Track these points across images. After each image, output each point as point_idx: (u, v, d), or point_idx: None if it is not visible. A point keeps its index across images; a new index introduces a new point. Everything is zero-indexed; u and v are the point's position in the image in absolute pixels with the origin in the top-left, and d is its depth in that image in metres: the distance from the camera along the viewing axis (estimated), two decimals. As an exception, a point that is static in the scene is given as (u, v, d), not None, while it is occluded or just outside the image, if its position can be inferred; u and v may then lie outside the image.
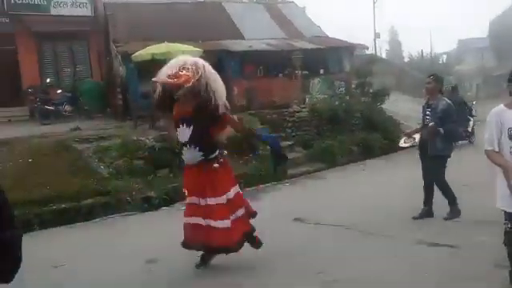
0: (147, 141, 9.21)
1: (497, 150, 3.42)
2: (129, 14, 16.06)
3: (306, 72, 14.96)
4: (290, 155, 11.59)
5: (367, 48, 34.05)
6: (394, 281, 4.11)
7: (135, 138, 9.24)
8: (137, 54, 11.78)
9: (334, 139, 12.15)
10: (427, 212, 5.95)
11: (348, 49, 16.81)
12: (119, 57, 14.10)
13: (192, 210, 4.43)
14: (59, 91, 14.60)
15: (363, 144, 12.42)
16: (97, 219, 7.32)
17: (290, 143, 12.02)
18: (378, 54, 36.84)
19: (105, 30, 16.32)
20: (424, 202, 5.99)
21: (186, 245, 4.52)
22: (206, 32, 15.34)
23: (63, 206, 7.30)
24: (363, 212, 6.51)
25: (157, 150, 9.10)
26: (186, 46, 11.64)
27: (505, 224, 3.45)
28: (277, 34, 17.03)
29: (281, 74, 15.12)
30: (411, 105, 17.49)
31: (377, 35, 31.25)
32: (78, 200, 7.52)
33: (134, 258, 5.11)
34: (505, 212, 3.43)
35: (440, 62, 32.59)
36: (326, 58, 16.09)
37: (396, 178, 8.86)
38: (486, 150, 3.48)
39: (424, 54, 32.96)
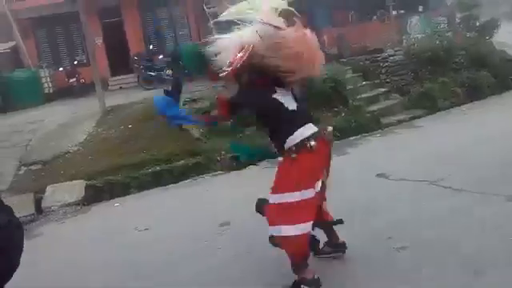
0: (234, 100, 9.35)
1: None
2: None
3: (402, 11, 13.84)
4: (385, 103, 11.04)
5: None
6: (470, 246, 3.75)
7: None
8: (224, 13, 11.83)
9: (435, 82, 11.24)
10: None
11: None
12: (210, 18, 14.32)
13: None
14: (160, 57, 15.40)
15: (469, 84, 11.31)
16: (187, 180, 7.75)
17: (384, 90, 11.44)
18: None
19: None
20: None
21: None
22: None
23: (158, 168, 7.85)
24: (454, 165, 6.03)
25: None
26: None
27: None
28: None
29: (374, 17, 14.18)
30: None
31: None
32: (170, 162, 8.03)
33: (210, 220, 5.34)
34: None
35: None
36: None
37: (503, 124, 8.00)
38: None
39: None
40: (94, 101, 11.09)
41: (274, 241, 3.56)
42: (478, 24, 13.45)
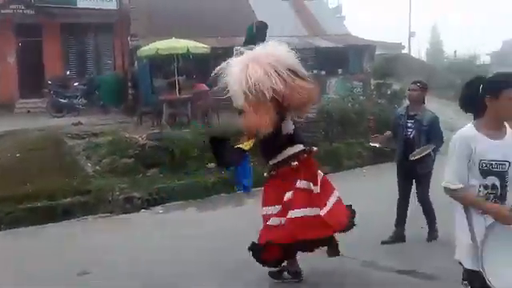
0: (140, 139, 8.99)
1: (462, 186, 2.55)
2: (151, 8, 16.00)
3: (323, 72, 14.37)
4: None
5: (403, 47, 32.99)
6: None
7: (127, 136, 9.03)
8: (143, 48, 11.66)
9: (343, 142, 11.57)
10: (399, 236, 5.32)
11: (369, 48, 16.04)
12: (133, 51, 14.06)
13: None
14: (75, 84, 14.69)
15: (374, 148, 11.72)
16: (71, 219, 7.13)
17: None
18: (416, 53, 35.49)
19: (128, 24, 16.35)
20: (397, 224, 5.35)
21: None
22: (225, 28, 15.04)
23: (38, 204, 7.17)
24: None
25: (147, 149, 8.87)
26: (192, 42, 11.41)
27: (464, 284, 2.80)
28: (298, 31, 16.50)
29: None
30: (437, 106, 16.50)
31: (412, 34, 30.15)
32: (54, 199, 7.38)
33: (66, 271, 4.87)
34: (464, 269, 2.59)
35: (479, 63, 30.08)
36: (347, 57, 15.45)
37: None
38: (449, 189, 2.56)
39: (463, 55, 30.92)
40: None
41: None
42: (389, 92, 14.13)
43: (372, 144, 5.78)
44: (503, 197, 2.54)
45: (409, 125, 5.20)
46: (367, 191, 7.98)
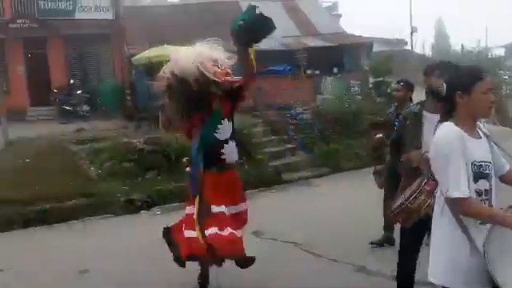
0: (138, 143, 9.53)
1: (470, 195, 2.15)
2: (146, 16, 16.56)
3: (317, 72, 14.73)
4: (291, 159, 11.45)
5: (406, 43, 32.99)
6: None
7: (126, 140, 9.58)
8: (136, 57, 12.20)
9: (341, 143, 11.64)
10: (388, 238, 5.36)
11: (365, 45, 16.27)
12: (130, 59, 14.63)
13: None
14: (79, 92, 15.39)
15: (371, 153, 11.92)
16: (76, 221, 7.69)
17: (291, 146, 11.92)
18: (420, 48, 35.37)
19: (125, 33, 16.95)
20: (385, 228, 5.40)
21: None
22: (218, 33, 15.48)
23: (47, 206, 7.76)
24: (325, 228, 6.18)
25: (145, 153, 9.41)
26: (184, 48, 11.85)
27: None
28: (292, 31, 16.86)
29: (289, 74, 14.96)
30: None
31: (414, 29, 30.21)
32: (61, 201, 7.96)
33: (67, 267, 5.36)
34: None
35: (489, 56, 28.80)
36: (342, 56, 15.71)
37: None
38: (455, 199, 2.13)
39: (471, 48, 29.97)
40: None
41: None
42: (388, 91, 13.65)
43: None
44: (490, 203, 2.25)
45: (396, 124, 4.80)
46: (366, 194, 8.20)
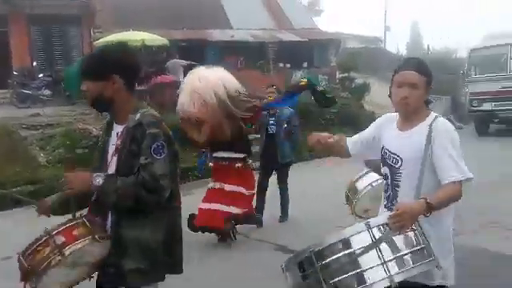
0: (94, 130, 9.11)
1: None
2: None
3: (288, 65, 14.59)
4: (255, 149, 11.26)
5: (381, 41, 33.34)
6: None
7: (81, 127, 9.14)
8: (99, 40, 11.73)
9: (303, 135, 11.76)
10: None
11: (335, 42, 16.31)
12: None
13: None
14: (41, 75, 14.67)
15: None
16: (21, 207, 7.25)
17: (256, 137, 11.70)
18: (395, 47, 35.95)
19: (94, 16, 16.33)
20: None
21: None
22: (192, 19, 15.16)
23: (-12, 192, 7.27)
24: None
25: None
26: (149, 34, 11.50)
27: None
28: (266, 23, 16.69)
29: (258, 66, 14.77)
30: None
31: (387, 28, 30.69)
32: (5, 187, 7.49)
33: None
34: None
35: (453, 56, 30.37)
36: (312, 51, 15.67)
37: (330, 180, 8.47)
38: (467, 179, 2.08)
39: (438, 49, 31.26)
40: None
41: None
42: (353, 86, 14.44)
43: None
44: (391, 199, 2.25)
45: (271, 122, 6.46)
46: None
